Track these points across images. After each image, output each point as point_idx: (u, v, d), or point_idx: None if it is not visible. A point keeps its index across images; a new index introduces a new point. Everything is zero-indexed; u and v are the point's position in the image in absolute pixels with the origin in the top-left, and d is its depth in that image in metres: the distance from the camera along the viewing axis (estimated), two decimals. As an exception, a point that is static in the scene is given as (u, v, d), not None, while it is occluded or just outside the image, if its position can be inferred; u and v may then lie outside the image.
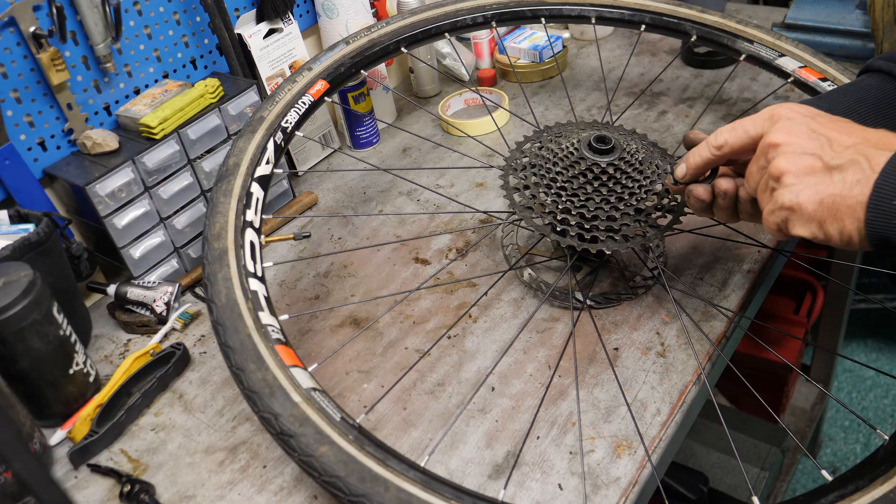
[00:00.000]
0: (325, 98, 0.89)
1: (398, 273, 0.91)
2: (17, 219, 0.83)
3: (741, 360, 1.64)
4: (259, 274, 0.68)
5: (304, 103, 0.86)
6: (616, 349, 0.76)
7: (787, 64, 0.95)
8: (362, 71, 0.95)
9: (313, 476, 0.56)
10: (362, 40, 0.95)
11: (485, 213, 0.98)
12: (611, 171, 0.75)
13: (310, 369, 0.63)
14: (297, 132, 0.84)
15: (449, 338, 0.81)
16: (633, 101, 1.10)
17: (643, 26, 1.03)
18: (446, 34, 1.00)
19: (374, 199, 1.06)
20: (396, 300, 0.87)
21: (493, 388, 0.74)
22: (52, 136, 0.90)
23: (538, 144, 0.82)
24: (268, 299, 0.67)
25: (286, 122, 0.82)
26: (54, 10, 0.84)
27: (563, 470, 0.65)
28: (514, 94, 1.26)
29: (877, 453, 0.58)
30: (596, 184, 0.75)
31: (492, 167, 1.07)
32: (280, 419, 0.57)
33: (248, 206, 0.73)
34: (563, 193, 0.75)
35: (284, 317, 0.68)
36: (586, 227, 0.74)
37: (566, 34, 1.36)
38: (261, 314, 0.64)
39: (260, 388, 0.59)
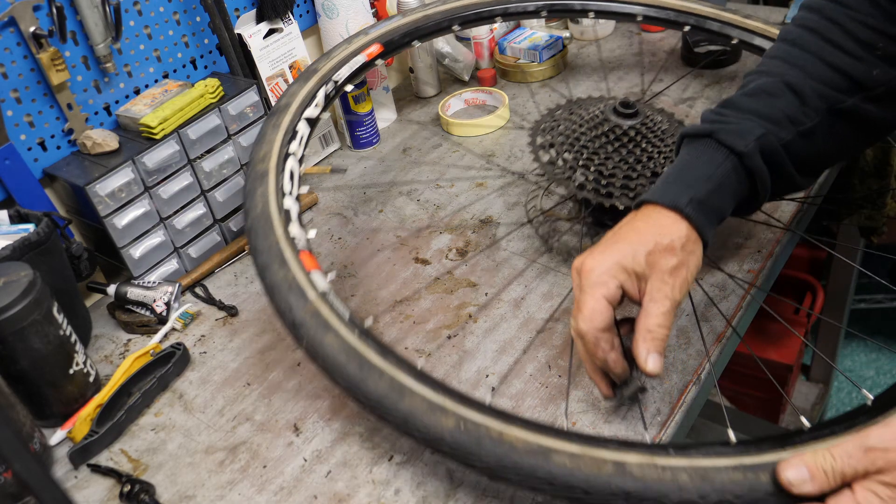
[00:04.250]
0: (378, 61, 0.95)
1: (398, 273, 0.91)
2: (17, 219, 0.83)
3: (741, 360, 1.64)
4: (294, 196, 0.75)
5: (357, 62, 0.93)
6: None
7: None
8: (415, 42, 1.00)
9: (318, 363, 0.61)
10: (418, 15, 1.02)
11: (518, 174, 1.01)
12: (632, 133, 0.80)
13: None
14: (346, 87, 0.92)
15: (449, 338, 0.81)
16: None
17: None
18: (498, 18, 1.05)
19: (374, 199, 1.06)
20: (396, 300, 0.87)
21: (493, 388, 0.74)
22: (52, 136, 0.90)
23: (569, 111, 0.87)
24: (299, 217, 0.73)
25: (338, 76, 0.90)
26: (54, 10, 0.84)
27: (563, 470, 0.65)
28: (514, 94, 1.26)
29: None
30: (616, 144, 0.80)
31: (522, 128, 1.09)
32: (294, 311, 0.63)
33: (292, 139, 0.80)
34: (584, 151, 0.81)
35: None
36: (603, 182, 0.79)
37: (566, 34, 1.36)
38: (290, 227, 0.71)
39: (280, 284, 0.65)
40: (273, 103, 1.08)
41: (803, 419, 0.62)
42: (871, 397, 0.60)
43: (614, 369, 0.63)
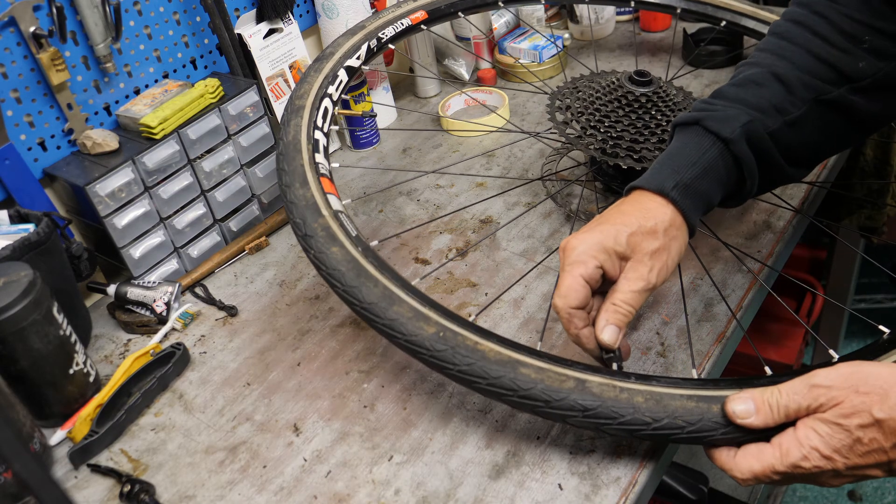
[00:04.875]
0: (422, 26, 1.02)
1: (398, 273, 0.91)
2: (17, 219, 0.83)
3: (741, 360, 1.64)
4: (325, 130, 0.83)
5: (402, 24, 1.00)
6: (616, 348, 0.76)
7: None
8: (460, 13, 1.06)
9: (321, 270, 0.68)
10: None
11: (533, 134, 1.04)
12: (643, 100, 0.85)
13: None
14: (389, 45, 0.98)
15: (449, 338, 0.81)
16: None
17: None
18: None
19: (374, 199, 1.06)
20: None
21: (493, 388, 0.74)
22: (52, 136, 0.90)
23: (590, 80, 0.93)
24: (325, 148, 0.81)
25: (383, 33, 0.97)
26: (54, 10, 0.84)
27: (563, 470, 0.65)
28: (513, 94, 1.26)
29: None
30: (627, 109, 0.86)
31: (545, 93, 1.10)
32: (307, 223, 0.70)
33: (331, 83, 0.87)
34: (597, 114, 0.87)
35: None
36: (610, 143, 0.84)
37: (566, 34, 1.36)
38: (316, 155, 0.78)
39: (298, 201, 0.72)
40: (273, 103, 1.08)
41: (767, 368, 0.64)
42: (836, 356, 0.63)
43: (586, 345, 0.64)
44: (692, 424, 0.56)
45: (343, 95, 0.90)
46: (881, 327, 0.66)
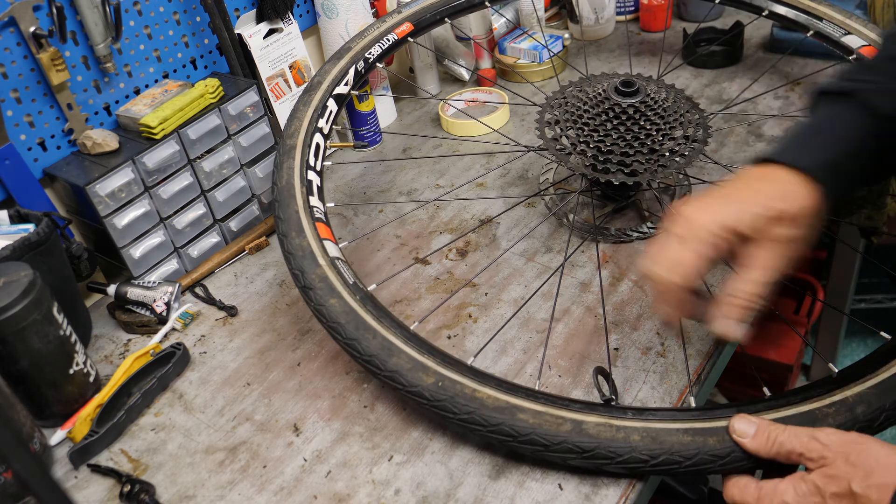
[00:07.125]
0: (409, 39, 1.01)
1: (398, 273, 0.91)
2: (17, 219, 0.83)
3: (742, 360, 1.64)
4: (318, 169, 0.83)
5: (389, 40, 0.99)
6: (616, 349, 0.76)
7: (852, 42, 0.99)
8: (446, 19, 1.05)
9: (322, 321, 0.70)
10: None
11: (526, 148, 1.03)
12: (631, 111, 0.83)
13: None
14: (378, 64, 0.98)
15: (449, 338, 0.81)
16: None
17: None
18: None
19: (374, 199, 1.06)
20: (396, 300, 0.87)
21: (493, 388, 0.74)
22: (52, 136, 0.90)
23: (579, 88, 0.91)
24: (319, 188, 0.82)
25: (370, 53, 0.97)
26: (54, 10, 0.84)
27: (563, 470, 0.65)
28: (513, 94, 1.26)
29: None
30: (615, 122, 0.83)
31: (535, 105, 1.09)
32: (306, 275, 0.71)
33: (321, 115, 0.88)
34: (585, 128, 0.84)
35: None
36: (601, 158, 0.83)
37: (566, 34, 1.36)
38: (311, 198, 0.79)
39: (296, 251, 0.73)
40: (273, 103, 1.08)
41: (765, 389, 0.65)
42: (836, 370, 0.64)
43: (671, 323, 0.62)
44: (689, 459, 0.58)
45: (332, 124, 0.90)
46: (882, 333, 0.66)
